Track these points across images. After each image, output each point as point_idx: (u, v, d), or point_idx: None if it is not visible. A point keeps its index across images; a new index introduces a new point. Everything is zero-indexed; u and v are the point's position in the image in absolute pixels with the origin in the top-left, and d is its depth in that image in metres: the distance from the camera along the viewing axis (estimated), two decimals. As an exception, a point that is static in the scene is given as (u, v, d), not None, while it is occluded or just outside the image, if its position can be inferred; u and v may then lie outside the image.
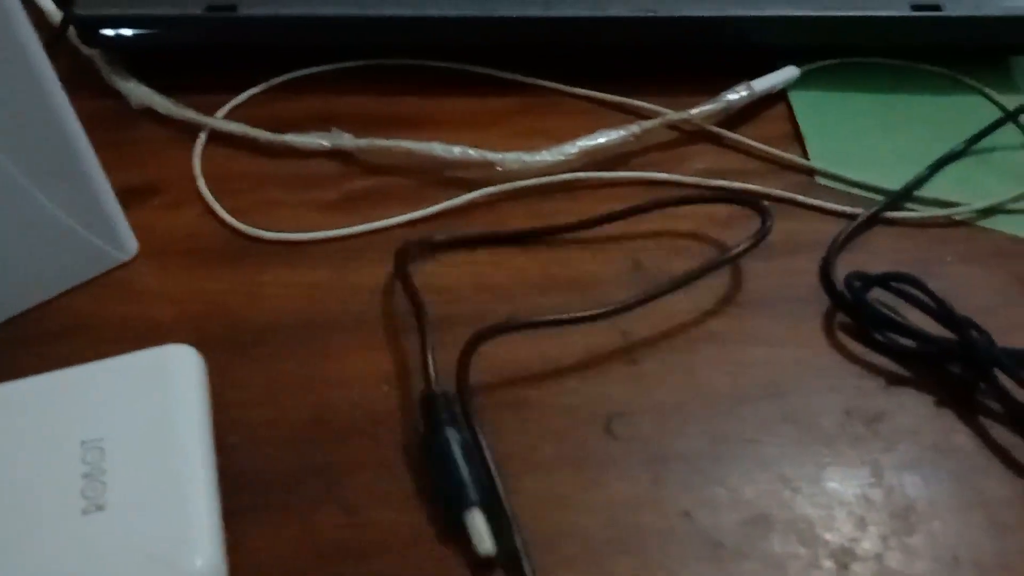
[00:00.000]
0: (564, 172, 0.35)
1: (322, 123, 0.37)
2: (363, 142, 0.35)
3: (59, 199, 0.29)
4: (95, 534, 0.23)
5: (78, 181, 0.30)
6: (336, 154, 0.36)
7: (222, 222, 0.34)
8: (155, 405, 0.26)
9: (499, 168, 0.34)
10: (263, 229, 0.33)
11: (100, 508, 0.23)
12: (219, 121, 0.37)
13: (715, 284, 0.31)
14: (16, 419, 0.25)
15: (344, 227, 0.33)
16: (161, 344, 0.27)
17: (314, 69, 0.40)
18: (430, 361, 0.27)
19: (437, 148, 0.35)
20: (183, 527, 0.23)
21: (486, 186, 0.34)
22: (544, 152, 0.34)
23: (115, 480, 0.24)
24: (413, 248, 0.31)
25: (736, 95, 0.36)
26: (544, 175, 0.34)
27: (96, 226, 0.31)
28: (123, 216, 0.32)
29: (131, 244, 0.32)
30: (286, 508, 0.25)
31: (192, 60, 0.39)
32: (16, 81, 0.26)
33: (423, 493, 0.26)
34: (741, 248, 0.30)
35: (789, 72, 0.38)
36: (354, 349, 0.29)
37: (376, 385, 0.28)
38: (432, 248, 0.32)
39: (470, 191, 0.34)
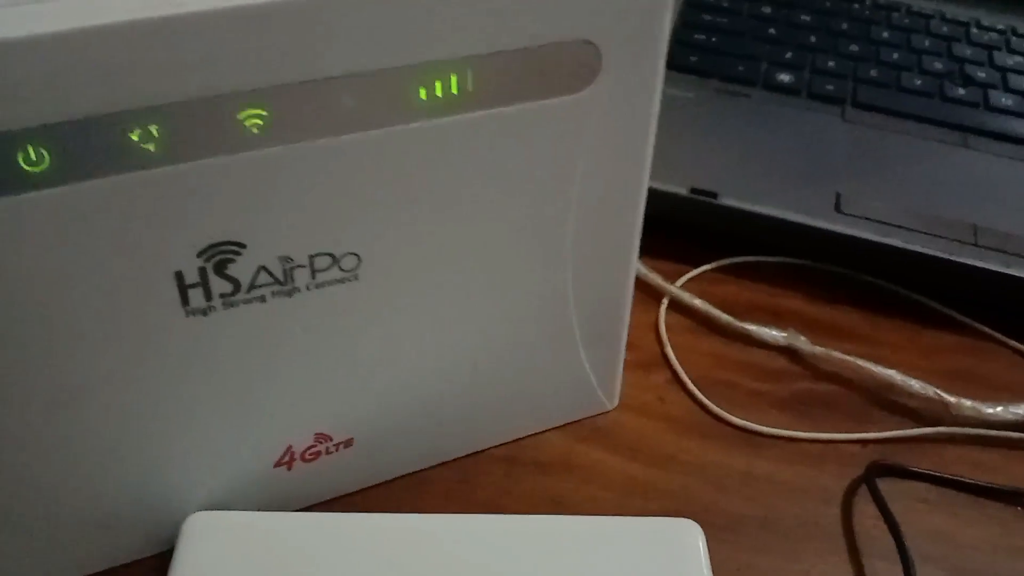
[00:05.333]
0: (1011, 429, 0.36)
1: (762, 312, 0.41)
2: (819, 350, 0.38)
3: (592, 355, 0.34)
4: None
5: (613, 342, 0.34)
6: (786, 351, 0.39)
7: (689, 393, 0.37)
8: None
9: (952, 411, 0.36)
10: (726, 411, 0.36)
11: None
12: (683, 293, 0.41)
13: None
14: (552, 556, 0.29)
15: (801, 431, 0.36)
16: (638, 501, 0.32)
17: (760, 258, 0.43)
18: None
19: (895, 376, 0.37)
20: None
21: (931, 423, 0.36)
22: (1000, 407, 0.36)
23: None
24: (883, 470, 0.34)
25: None
26: (990, 427, 0.36)
27: (603, 378, 0.35)
28: (621, 371, 0.35)
29: (616, 396, 0.36)
30: None
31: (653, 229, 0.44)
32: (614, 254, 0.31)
33: None
34: None
35: None
36: (819, 556, 0.32)
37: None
38: (898, 475, 0.34)
39: (917, 423, 0.36)
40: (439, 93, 0.25)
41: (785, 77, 0.50)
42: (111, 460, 0.27)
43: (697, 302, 0.40)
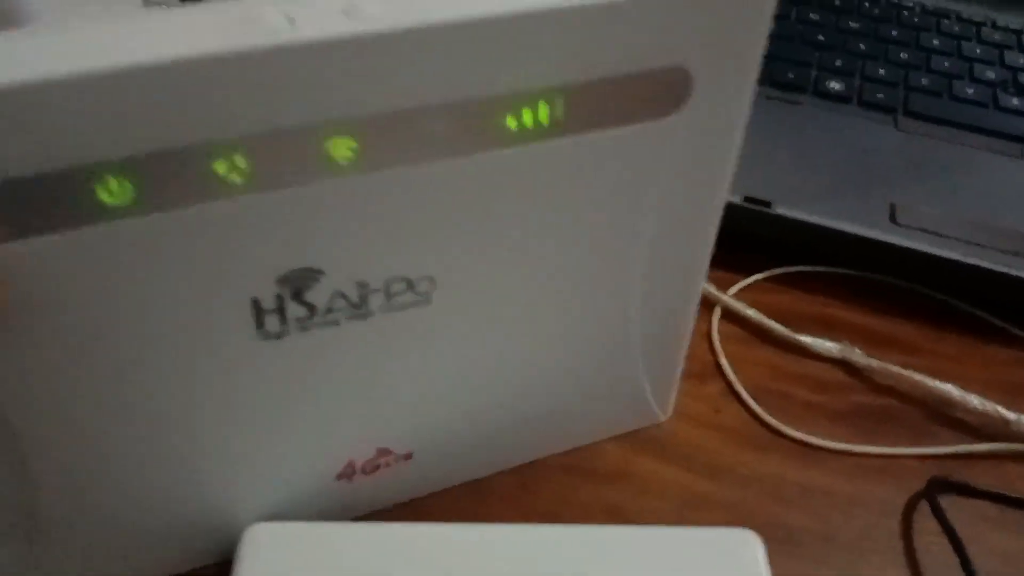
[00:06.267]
0: (1072, 446, 0.36)
1: (815, 323, 0.40)
2: (875, 363, 0.38)
3: (649, 365, 0.33)
4: None
5: (673, 357, 0.34)
6: (841, 363, 0.39)
7: (744, 404, 0.37)
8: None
9: (1012, 427, 0.36)
10: (782, 423, 0.36)
11: None
12: (737, 303, 0.40)
13: None
14: (612, 565, 0.29)
15: (857, 444, 0.36)
16: (695, 513, 0.32)
17: (814, 268, 0.43)
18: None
19: (953, 391, 0.37)
20: None
21: (990, 439, 0.36)
22: (1062, 424, 0.36)
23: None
24: (945, 486, 0.33)
25: None
26: (1051, 444, 0.36)
27: (659, 391, 0.35)
28: (678, 382, 0.35)
29: (670, 407, 0.36)
30: None
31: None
32: (683, 265, 0.31)
33: None
34: None
35: None
36: (880, 571, 0.32)
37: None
38: (960, 492, 0.34)
39: (976, 439, 0.36)
40: (528, 122, 0.24)
41: (836, 84, 0.50)
42: (176, 473, 0.27)
43: (750, 312, 0.40)
